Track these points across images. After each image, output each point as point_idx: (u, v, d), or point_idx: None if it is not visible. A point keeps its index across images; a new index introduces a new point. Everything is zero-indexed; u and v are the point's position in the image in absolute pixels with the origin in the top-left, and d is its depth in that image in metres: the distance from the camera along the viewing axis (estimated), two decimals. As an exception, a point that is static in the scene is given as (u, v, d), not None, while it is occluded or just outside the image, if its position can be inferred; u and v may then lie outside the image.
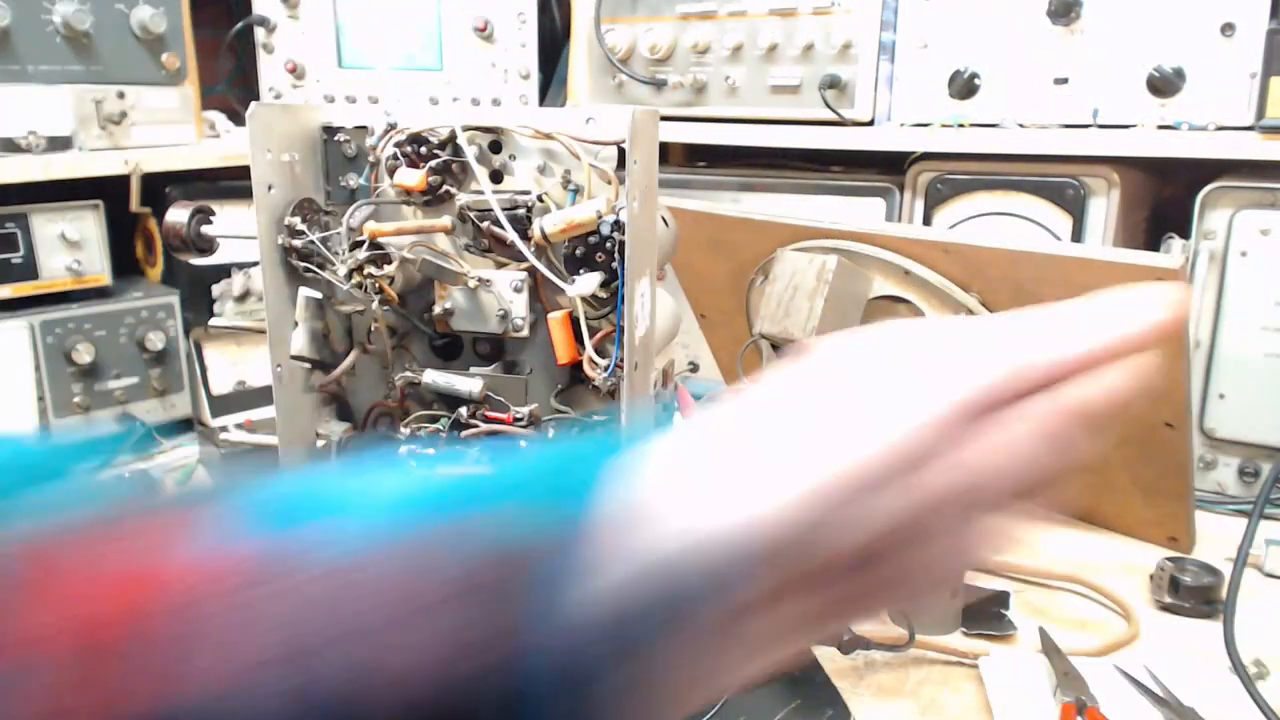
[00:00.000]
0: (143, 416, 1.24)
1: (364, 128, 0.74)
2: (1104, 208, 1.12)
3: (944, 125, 1.16)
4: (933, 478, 0.32)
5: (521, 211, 0.70)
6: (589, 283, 0.67)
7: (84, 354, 1.18)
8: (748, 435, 0.33)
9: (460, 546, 0.31)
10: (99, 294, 1.22)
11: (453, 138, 0.71)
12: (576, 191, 0.70)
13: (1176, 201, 1.16)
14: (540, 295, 0.73)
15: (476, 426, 0.73)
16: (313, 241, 0.71)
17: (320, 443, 0.76)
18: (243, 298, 1.28)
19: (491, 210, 0.69)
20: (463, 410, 0.73)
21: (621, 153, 0.66)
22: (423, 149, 0.72)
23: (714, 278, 1.24)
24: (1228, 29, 1.01)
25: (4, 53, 1.12)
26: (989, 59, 1.14)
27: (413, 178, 0.71)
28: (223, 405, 1.28)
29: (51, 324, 1.17)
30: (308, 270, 0.72)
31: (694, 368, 1.09)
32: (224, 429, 1.16)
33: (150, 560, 0.31)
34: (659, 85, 1.32)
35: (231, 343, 1.31)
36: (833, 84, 1.20)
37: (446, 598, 0.30)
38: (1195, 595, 0.85)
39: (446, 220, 0.72)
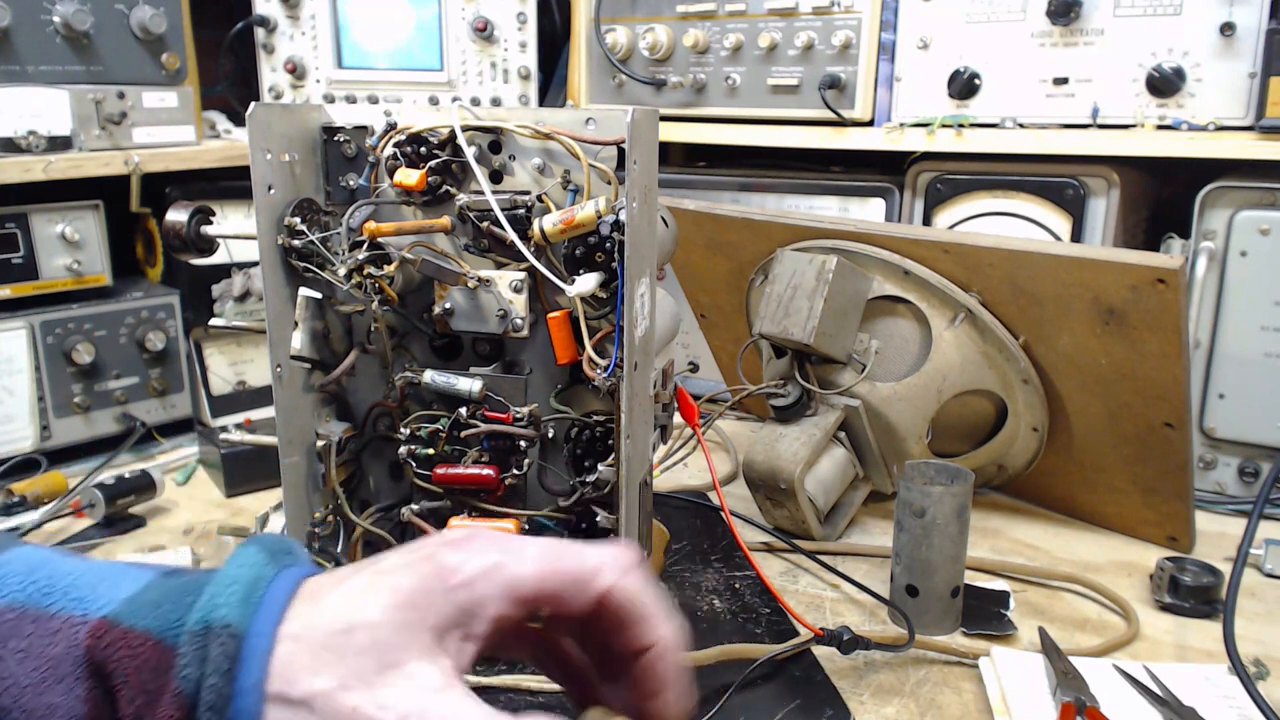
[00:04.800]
0: (143, 416, 1.24)
1: (364, 128, 0.74)
2: (1104, 208, 1.13)
3: (944, 125, 1.16)
4: None
5: (521, 211, 0.70)
6: (588, 283, 0.67)
7: (84, 354, 1.18)
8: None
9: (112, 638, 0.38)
10: (99, 294, 1.22)
11: (452, 138, 0.71)
12: (576, 191, 0.70)
13: (1176, 201, 1.16)
14: (540, 295, 0.73)
15: (476, 426, 0.73)
16: (313, 241, 0.71)
17: (320, 443, 0.76)
18: (243, 298, 1.28)
19: (491, 210, 0.69)
20: (462, 410, 0.73)
21: (621, 153, 0.66)
22: (423, 149, 0.72)
23: (714, 278, 1.24)
24: (1228, 29, 1.01)
25: (4, 53, 1.12)
26: (989, 59, 1.14)
27: (412, 178, 0.71)
28: (223, 405, 1.28)
29: (51, 324, 1.17)
30: (308, 270, 0.72)
31: (694, 368, 1.09)
32: (224, 429, 1.15)
33: None
34: (659, 85, 1.32)
35: (231, 343, 1.31)
36: (833, 84, 1.20)
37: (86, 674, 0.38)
38: (1195, 595, 0.85)
39: (446, 220, 0.72)
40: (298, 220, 0.71)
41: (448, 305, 0.73)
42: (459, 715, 0.36)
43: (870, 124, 1.22)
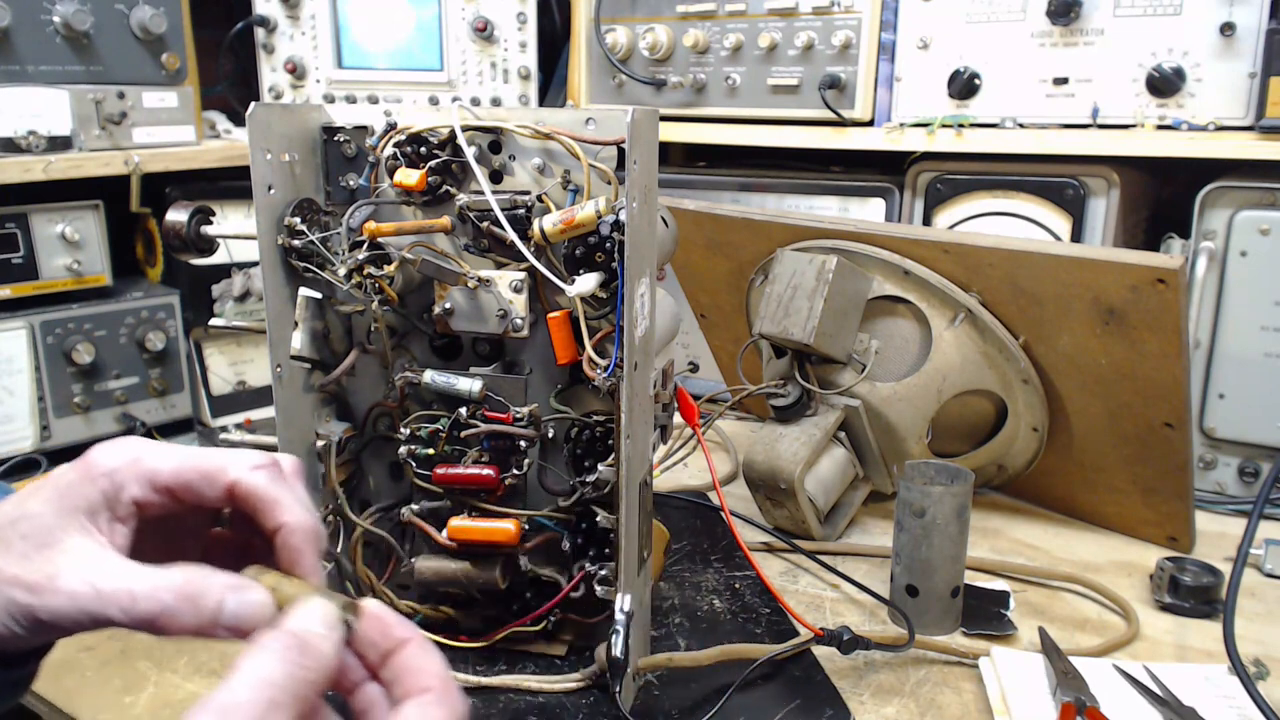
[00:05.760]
0: (143, 416, 1.24)
1: (364, 128, 0.74)
2: (1104, 208, 1.13)
3: (944, 125, 1.16)
4: None
5: (521, 211, 0.70)
6: (588, 283, 0.67)
7: (84, 354, 1.18)
8: None
9: None
10: (99, 294, 1.23)
11: (452, 138, 0.71)
12: (576, 191, 0.70)
13: (1176, 201, 1.16)
14: (540, 295, 0.73)
15: (476, 426, 0.73)
16: (313, 241, 0.71)
17: (320, 443, 0.76)
18: (243, 298, 1.28)
19: (491, 210, 0.69)
20: (462, 410, 0.73)
21: (621, 153, 0.66)
22: (423, 149, 0.72)
23: (714, 278, 1.24)
24: (1228, 29, 1.01)
25: (4, 53, 1.12)
26: (989, 59, 1.14)
27: (412, 178, 0.71)
28: (223, 405, 1.28)
29: (51, 324, 1.17)
30: (308, 270, 0.72)
31: (694, 368, 1.09)
32: (224, 429, 1.15)
33: None
34: (659, 85, 1.32)
35: (231, 343, 1.31)
36: (832, 84, 1.20)
37: None
38: (1195, 595, 0.86)
39: (446, 220, 0.72)
40: (298, 220, 0.71)
41: (448, 305, 0.73)
42: (102, 571, 0.45)
43: (870, 124, 1.22)
